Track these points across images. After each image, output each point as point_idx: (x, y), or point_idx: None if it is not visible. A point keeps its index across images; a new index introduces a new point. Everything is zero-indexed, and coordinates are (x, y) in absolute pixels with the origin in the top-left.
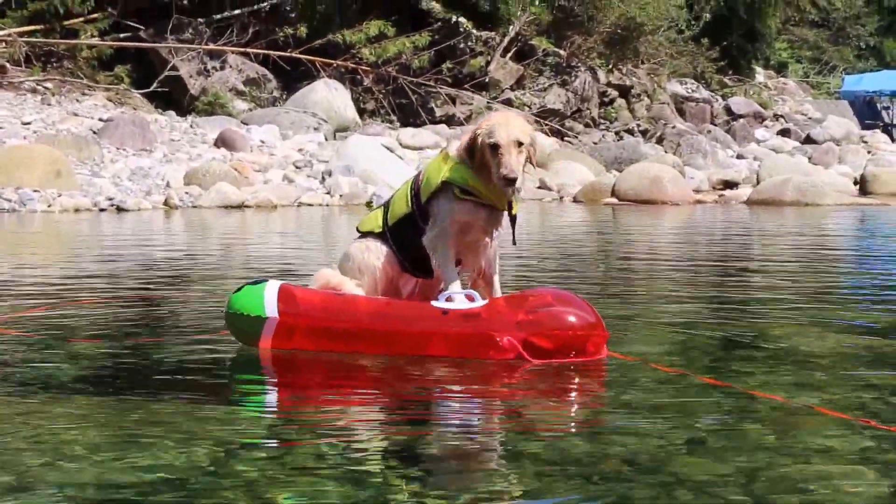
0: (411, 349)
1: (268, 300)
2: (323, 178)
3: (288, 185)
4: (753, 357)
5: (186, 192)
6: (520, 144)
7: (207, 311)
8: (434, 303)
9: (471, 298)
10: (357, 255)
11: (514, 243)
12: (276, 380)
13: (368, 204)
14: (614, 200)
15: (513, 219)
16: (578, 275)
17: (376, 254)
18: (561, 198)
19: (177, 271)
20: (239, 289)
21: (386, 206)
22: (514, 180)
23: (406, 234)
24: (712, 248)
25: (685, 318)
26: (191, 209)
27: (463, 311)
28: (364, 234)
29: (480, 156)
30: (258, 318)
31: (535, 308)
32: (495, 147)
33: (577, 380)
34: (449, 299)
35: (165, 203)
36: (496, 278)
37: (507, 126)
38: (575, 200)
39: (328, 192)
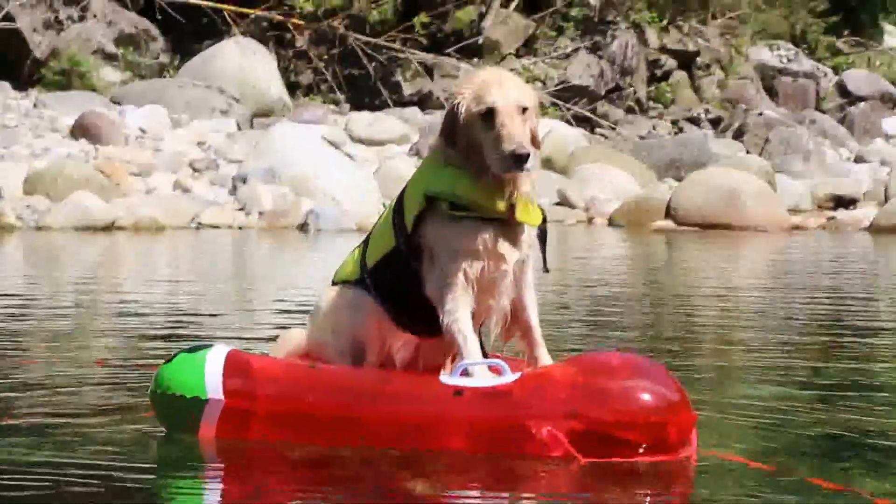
0: (413, 442)
1: (209, 375)
2: (234, 187)
3: (182, 197)
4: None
5: (27, 206)
6: (523, 110)
7: (61, 386)
8: (444, 378)
9: (497, 371)
10: (329, 309)
11: (546, 270)
12: (220, 487)
13: (302, 227)
14: (669, 224)
15: (542, 235)
16: (618, 338)
17: (356, 307)
18: (590, 219)
19: (13, 326)
20: (171, 358)
21: (365, 242)
22: (524, 157)
23: (393, 279)
24: (816, 301)
25: (778, 404)
26: (34, 231)
27: (484, 389)
28: (339, 285)
29: (466, 135)
30: (195, 401)
31: (590, 381)
32: (489, 114)
33: (652, 489)
34: (466, 372)
35: None
36: (534, 321)
37: (502, 85)
38: (611, 224)
39: (241, 209)
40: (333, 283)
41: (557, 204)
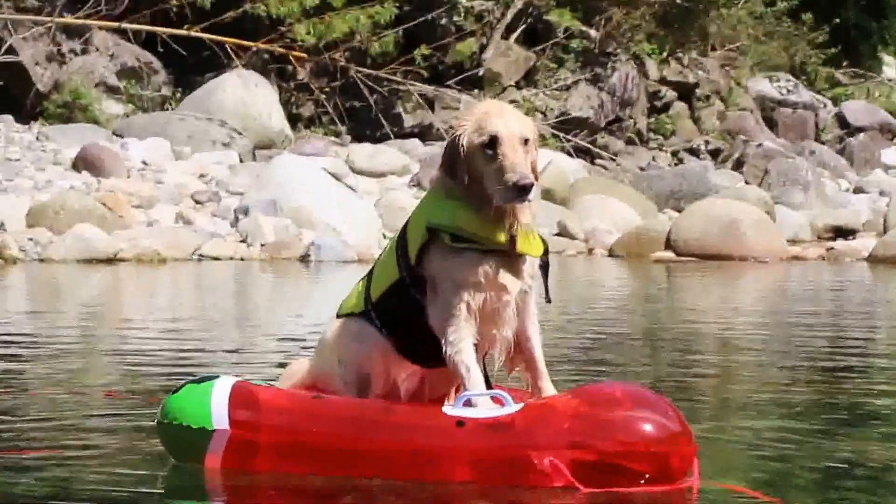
0: (416, 472)
1: (215, 406)
2: (236, 219)
3: (183, 229)
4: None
5: (30, 238)
6: (525, 141)
7: (66, 416)
8: (447, 409)
9: (500, 401)
10: (334, 341)
11: (549, 300)
12: None
13: (304, 259)
14: (670, 255)
15: (544, 266)
16: (617, 370)
17: (361, 339)
18: (590, 250)
19: (17, 358)
20: (177, 389)
21: (369, 274)
22: (528, 188)
23: (397, 311)
24: (817, 332)
25: (779, 434)
26: (37, 263)
27: (487, 419)
28: (344, 317)
29: (467, 166)
30: (201, 431)
31: (592, 411)
32: (492, 143)
33: None
34: (468, 403)
35: None
36: (538, 352)
37: (503, 116)
38: (611, 255)
39: (243, 240)
40: (338, 316)
41: (557, 235)
